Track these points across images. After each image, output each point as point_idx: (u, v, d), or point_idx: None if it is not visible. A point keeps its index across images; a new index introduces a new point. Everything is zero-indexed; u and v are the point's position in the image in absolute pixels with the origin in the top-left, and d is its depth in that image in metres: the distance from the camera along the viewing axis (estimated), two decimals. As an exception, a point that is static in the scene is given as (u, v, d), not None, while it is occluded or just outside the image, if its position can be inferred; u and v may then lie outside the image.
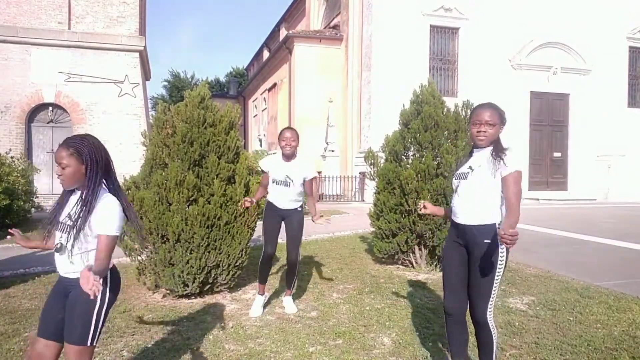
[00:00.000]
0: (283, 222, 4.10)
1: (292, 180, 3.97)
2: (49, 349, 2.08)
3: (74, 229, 2.00)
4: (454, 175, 2.67)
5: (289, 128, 4.08)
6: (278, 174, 3.99)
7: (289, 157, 3.99)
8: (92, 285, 1.77)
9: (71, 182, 2.06)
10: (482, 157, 2.51)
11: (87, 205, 2.01)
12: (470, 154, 2.62)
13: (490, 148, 2.50)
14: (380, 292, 4.58)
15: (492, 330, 2.49)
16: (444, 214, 2.83)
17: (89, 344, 2.02)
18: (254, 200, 3.99)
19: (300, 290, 4.63)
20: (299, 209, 4.10)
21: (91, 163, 2.04)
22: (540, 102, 16.61)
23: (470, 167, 2.52)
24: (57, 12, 13.11)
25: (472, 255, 2.50)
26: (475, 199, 2.48)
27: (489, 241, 2.43)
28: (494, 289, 2.45)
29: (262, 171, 4.12)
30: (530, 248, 6.88)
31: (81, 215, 2.00)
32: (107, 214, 2.02)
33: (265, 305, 4.14)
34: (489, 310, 2.47)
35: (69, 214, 2.06)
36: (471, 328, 2.65)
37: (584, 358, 3.04)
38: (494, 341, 2.51)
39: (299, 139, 4.01)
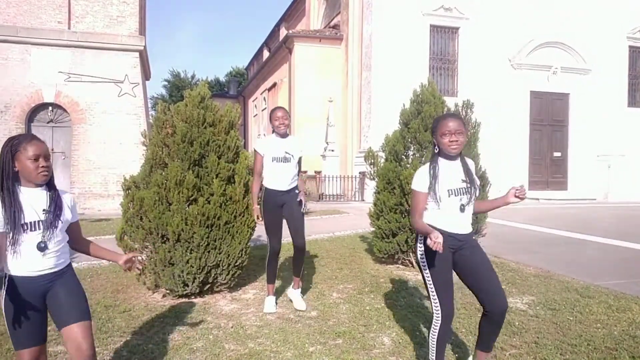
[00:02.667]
0: (283, 211, 4.07)
1: (292, 155, 4.02)
2: (38, 354, 2.09)
3: (56, 222, 2.09)
4: (436, 190, 2.52)
5: (279, 107, 4.13)
6: (277, 151, 4.00)
7: (283, 135, 4.05)
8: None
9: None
10: (458, 167, 2.58)
11: (60, 197, 2.16)
12: (435, 163, 2.59)
13: (459, 159, 2.59)
14: (380, 292, 4.58)
15: None
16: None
17: (91, 318, 2.20)
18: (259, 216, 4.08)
19: (300, 290, 4.62)
20: (297, 191, 4.09)
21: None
22: (540, 102, 16.61)
23: (464, 181, 2.55)
24: (57, 12, 13.10)
25: (467, 251, 2.58)
26: (471, 208, 2.62)
27: (474, 236, 2.70)
28: None
29: (256, 155, 4.08)
30: (530, 248, 6.88)
31: (59, 205, 2.12)
32: (73, 201, 2.25)
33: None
34: None
35: (44, 209, 2.07)
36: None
37: (584, 358, 3.04)
38: None
39: (289, 117, 4.09)
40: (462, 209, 2.53)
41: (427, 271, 2.55)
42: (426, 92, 5.64)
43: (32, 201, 2.06)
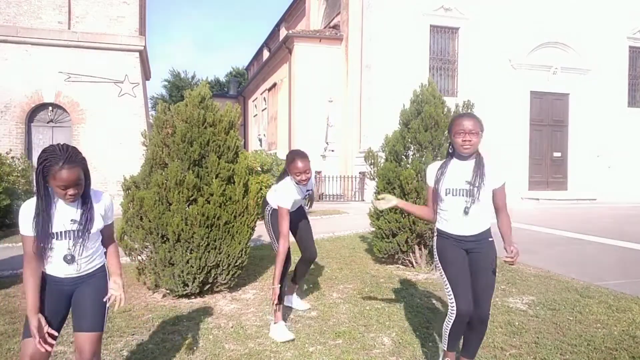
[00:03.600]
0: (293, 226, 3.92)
1: (310, 190, 3.80)
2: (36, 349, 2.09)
3: (84, 234, 2.10)
4: (440, 187, 2.55)
5: (302, 157, 3.46)
6: (299, 198, 3.64)
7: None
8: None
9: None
10: (468, 168, 2.51)
11: (92, 208, 2.14)
12: (449, 161, 2.60)
13: (474, 160, 2.53)
14: (380, 292, 4.58)
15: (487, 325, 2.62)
16: (423, 215, 2.79)
17: (104, 329, 2.20)
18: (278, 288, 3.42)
19: (300, 290, 4.63)
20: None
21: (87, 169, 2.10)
22: (540, 102, 16.60)
23: (467, 182, 2.49)
24: (57, 12, 13.10)
25: (477, 255, 2.57)
26: (481, 211, 2.54)
27: (492, 239, 2.58)
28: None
29: (281, 211, 3.47)
30: (530, 248, 6.88)
31: (89, 217, 2.11)
32: (110, 203, 2.24)
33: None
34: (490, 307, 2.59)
35: (72, 219, 2.08)
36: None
37: (584, 358, 3.04)
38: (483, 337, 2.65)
39: (311, 166, 3.54)
40: (466, 211, 2.49)
41: (440, 265, 2.60)
42: (426, 92, 5.64)
43: (64, 212, 2.08)
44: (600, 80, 16.75)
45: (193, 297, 4.35)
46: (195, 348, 3.23)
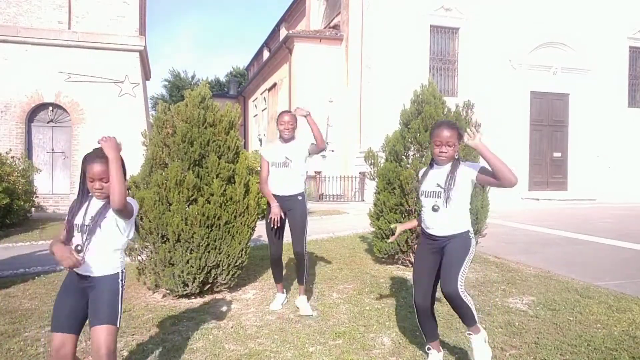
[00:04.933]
0: (287, 218, 4.04)
1: (291, 160, 3.96)
2: (67, 342, 2.20)
3: (94, 229, 2.20)
4: (419, 189, 2.85)
5: (286, 112, 4.09)
6: (277, 156, 4.01)
7: (287, 140, 4.03)
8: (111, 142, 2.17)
9: (109, 193, 2.18)
10: (444, 173, 2.73)
11: (108, 206, 2.22)
12: (431, 166, 2.85)
13: (449, 165, 2.73)
14: (380, 292, 4.58)
15: (465, 300, 2.65)
16: (417, 224, 3.07)
17: (118, 324, 2.26)
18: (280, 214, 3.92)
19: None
20: (300, 197, 4.03)
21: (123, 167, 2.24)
22: (540, 102, 16.61)
23: (438, 185, 2.72)
24: (57, 12, 13.10)
25: (446, 248, 2.74)
26: (453, 215, 2.71)
27: (465, 238, 2.73)
28: (464, 265, 2.67)
29: (262, 162, 4.10)
30: (530, 248, 6.88)
31: (102, 212, 2.21)
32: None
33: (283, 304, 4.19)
34: (459, 282, 2.63)
35: (92, 216, 2.21)
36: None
37: (584, 358, 3.04)
38: (471, 308, 2.68)
39: (297, 122, 4.02)
40: (434, 208, 2.72)
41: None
42: (426, 93, 5.63)
43: (92, 207, 2.25)
44: (600, 81, 16.76)
45: (193, 297, 4.35)
46: (195, 348, 3.22)
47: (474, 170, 2.68)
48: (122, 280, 2.32)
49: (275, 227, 3.93)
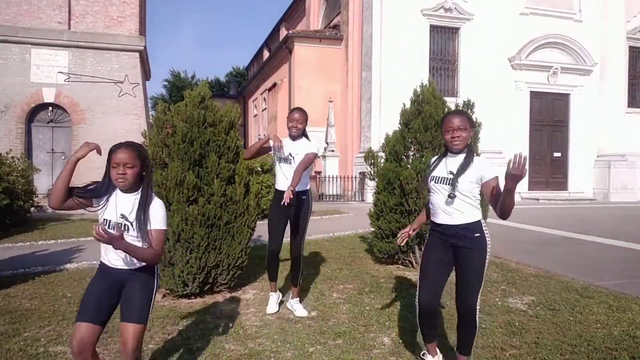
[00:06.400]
0: (289, 216, 4.01)
1: (294, 157, 3.92)
2: (90, 333, 2.20)
3: (138, 230, 2.19)
4: (429, 176, 2.75)
5: (298, 109, 4.04)
6: (283, 152, 3.98)
7: (294, 137, 4.00)
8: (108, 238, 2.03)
9: (132, 182, 2.20)
10: (457, 162, 2.64)
11: (146, 207, 2.22)
12: (444, 156, 2.76)
13: (464, 154, 2.65)
14: (380, 292, 4.58)
15: (477, 319, 2.61)
16: (425, 219, 2.96)
17: (146, 323, 2.28)
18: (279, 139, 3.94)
19: (300, 290, 4.62)
20: (304, 196, 4.00)
21: (149, 166, 2.27)
22: (540, 102, 16.61)
23: (451, 172, 2.63)
24: (57, 12, 13.11)
25: (463, 250, 2.61)
26: (465, 203, 2.61)
27: (479, 235, 2.60)
28: (483, 278, 2.60)
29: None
30: (530, 248, 6.88)
31: (142, 216, 2.19)
32: (162, 212, 2.25)
33: (279, 304, 4.15)
34: (478, 299, 2.60)
35: (122, 214, 2.20)
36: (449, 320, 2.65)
37: (584, 358, 3.04)
38: (476, 331, 2.64)
39: (307, 121, 4.00)
40: (451, 196, 2.59)
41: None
42: (426, 92, 5.63)
43: (120, 203, 2.23)
44: (600, 80, 16.76)
45: (193, 297, 4.35)
46: (195, 348, 3.22)
47: (488, 172, 2.56)
48: (157, 276, 2.34)
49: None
